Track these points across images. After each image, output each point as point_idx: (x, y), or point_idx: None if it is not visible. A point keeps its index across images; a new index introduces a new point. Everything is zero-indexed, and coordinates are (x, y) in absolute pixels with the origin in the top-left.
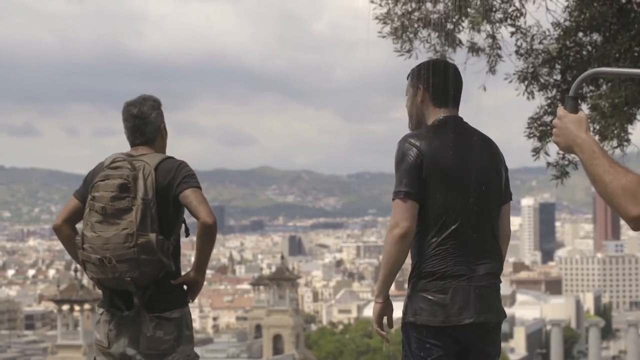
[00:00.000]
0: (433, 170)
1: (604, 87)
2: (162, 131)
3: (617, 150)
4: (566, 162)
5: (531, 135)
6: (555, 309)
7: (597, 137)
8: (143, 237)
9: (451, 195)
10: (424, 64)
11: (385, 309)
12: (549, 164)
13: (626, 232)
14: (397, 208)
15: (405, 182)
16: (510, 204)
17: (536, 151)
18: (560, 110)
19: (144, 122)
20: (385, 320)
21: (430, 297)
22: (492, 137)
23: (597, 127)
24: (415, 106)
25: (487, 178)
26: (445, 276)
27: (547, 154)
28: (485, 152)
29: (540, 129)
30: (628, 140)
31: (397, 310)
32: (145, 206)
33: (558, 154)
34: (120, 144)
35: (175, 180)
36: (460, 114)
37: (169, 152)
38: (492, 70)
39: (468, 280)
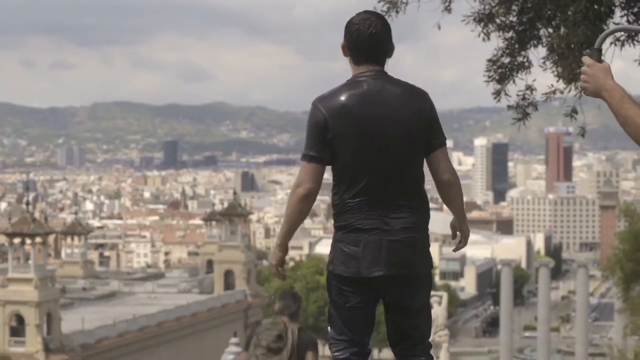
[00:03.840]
0: (339, 130)
1: (562, 28)
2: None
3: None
4: (526, 104)
5: (490, 78)
6: (506, 249)
7: (559, 79)
8: None
9: (359, 152)
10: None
11: (284, 256)
12: (509, 106)
13: (578, 174)
14: (302, 169)
15: (309, 145)
16: (442, 151)
17: (497, 93)
18: (588, 59)
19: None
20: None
21: (344, 249)
22: (448, 77)
23: (556, 69)
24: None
25: (399, 132)
26: (356, 229)
27: (507, 95)
28: (401, 105)
29: (500, 71)
30: None
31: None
32: (292, 349)
33: (518, 95)
34: (76, 76)
35: (305, 342)
36: (414, 53)
37: (124, 89)
38: (447, 9)
39: (380, 234)
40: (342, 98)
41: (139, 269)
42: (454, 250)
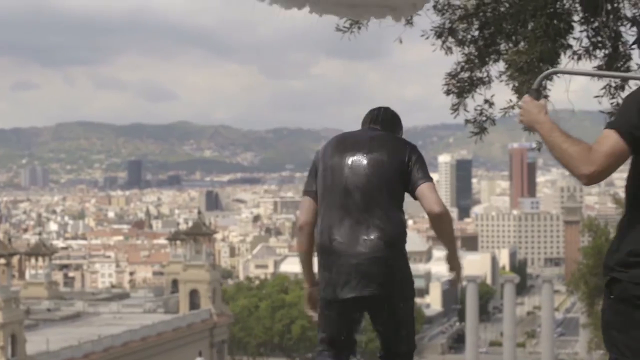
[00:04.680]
0: (323, 172)
1: (522, 43)
2: None
3: None
4: (484, 119)
5: (449, 91)
6: (471, 265)
7: (514, 94)
8: None
9: (336, 188)
10: None
11: (313, 292)
12: (467, 120)
13: (542, 189)
14: (301, 203)
15: (306, 182)
16: (427, 186)
17: (455, 107)
18: (526, 97)
19: None
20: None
21: (323, 273)
22: (411, 94)
23: (515, 84)
24: None
25: (374, 173)
26: (328, 252)
27: (465, 110)
28: (375, 149)
29: (458, 85)
30: (546, 97)
31: None
32: None
33: (476, 110)
34: (39, 96)
35: None
36: (377, 71)
37: (88, 109)
38: (409, 22)
39: (349, 258)
40: (335, 146)
41: (104, 289)
42: (451, 285)
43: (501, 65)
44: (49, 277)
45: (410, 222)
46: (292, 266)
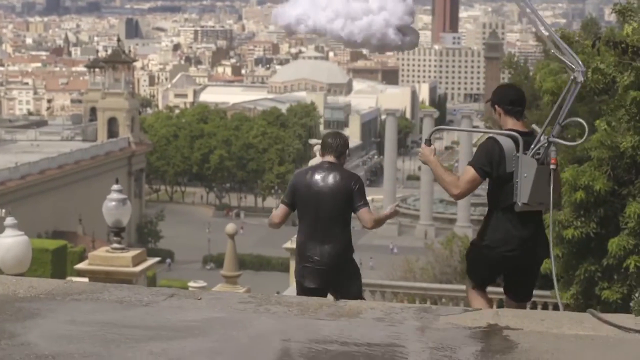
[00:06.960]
0: (298, 195)
1: None
2: None
3: None
4: None
5: None
6: (391, 99)
7: None
8: None
9: (305, 209)
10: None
11: None
12: None
13: (464, 25)
14: (278, 208)
15: (285, 194)
16: (364, 211)
17: None
18: (423, 144)
19: None
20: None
21: (299, 269)
22: None
23: None
24: None
25: (331, 201)
26: (303, 259)
27: None
28: (336, 185)
29: None
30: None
31: None
32: None
33: None
34: None
35: None
36: None
37: None
38: None
39: (315, 264)
40: (306, 176)
41: (21, 117)
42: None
43: None
44: None
45: (331, 55)
46: (212, 95)
